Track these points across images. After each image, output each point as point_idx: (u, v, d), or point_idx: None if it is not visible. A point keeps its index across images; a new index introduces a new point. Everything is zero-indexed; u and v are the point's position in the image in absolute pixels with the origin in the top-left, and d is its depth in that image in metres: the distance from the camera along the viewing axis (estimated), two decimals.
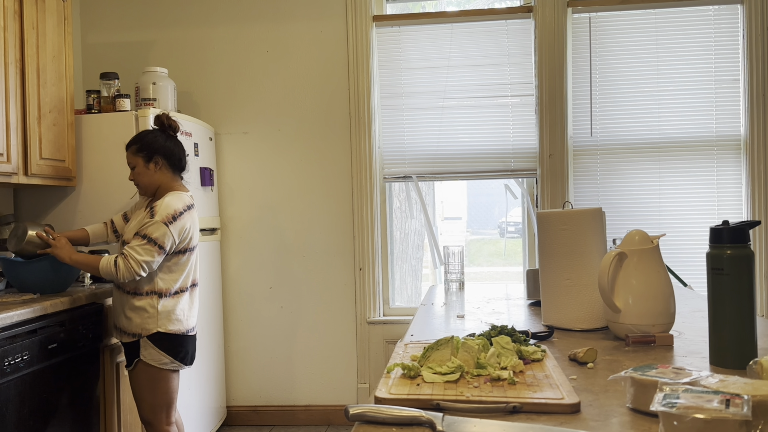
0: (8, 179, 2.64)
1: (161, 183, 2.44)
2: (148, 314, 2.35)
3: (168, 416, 2.44)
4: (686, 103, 3.57)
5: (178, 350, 2.40)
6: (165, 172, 2.44)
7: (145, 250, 2.28)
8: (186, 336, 2.43)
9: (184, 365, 2.44)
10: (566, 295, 1.70)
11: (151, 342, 2.36)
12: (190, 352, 2.47)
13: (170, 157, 2.44)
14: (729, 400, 0.84)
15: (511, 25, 3.66)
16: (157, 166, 2.42)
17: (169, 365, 2.39)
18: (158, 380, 2.39)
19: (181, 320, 2.40)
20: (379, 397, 1.07)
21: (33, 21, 2.77)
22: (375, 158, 3.72)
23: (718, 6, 3.52)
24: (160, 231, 2.29)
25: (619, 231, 3.50)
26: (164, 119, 2.48)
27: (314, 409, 3.79)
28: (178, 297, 2.41)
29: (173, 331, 2.38)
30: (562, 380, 1.14)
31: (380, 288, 3.78)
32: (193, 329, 2.49)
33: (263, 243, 3.80)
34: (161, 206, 2.32)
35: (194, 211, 2.45)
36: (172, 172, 2.46)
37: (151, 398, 2.40)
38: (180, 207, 2.35)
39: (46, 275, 2.49)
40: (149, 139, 2.43)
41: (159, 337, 2.36)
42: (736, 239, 1.25)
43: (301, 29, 3.77)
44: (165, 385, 2.41)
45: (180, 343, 2.41)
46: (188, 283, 2.46)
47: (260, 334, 3.81)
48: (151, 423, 2.43)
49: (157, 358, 2.37)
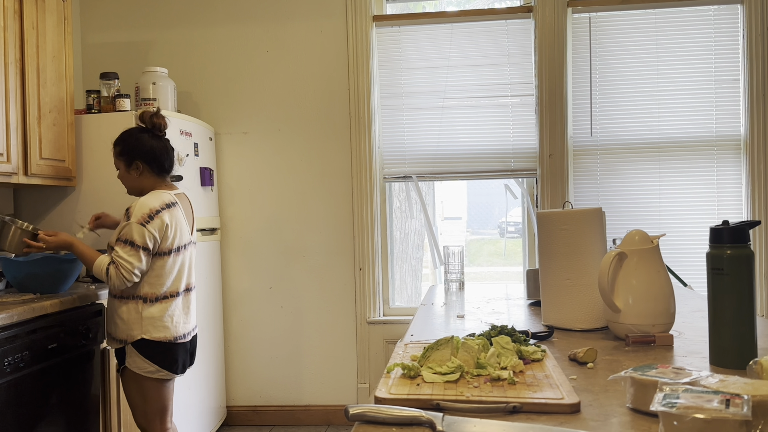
0: (8, 179, 2.64)
1: (144, 186, 2.35)
2: (132, 320, 2.25)
3: (162, 422, 2.36)
4: (686, 103, 3.57)
5: (163, 358, 2.28)
6: (147, 176, 2.34)
7: (131, 254, 2.19)
8: (174, 344, 2.30)
9: (173, 374, 2.32)
10: (566, 295, 1.70)
11: (136, 349, 2.26)
12: (180, 360, 2.34)
13: (151, 161, 2.32)
14: (729, 400, 0.84)
15: (511, 25, 3.66)
16: (138, 170, 2.33)
17: (155, 374, 2.28)
18: (146, 388, 2.30)
19: (168, 327, 2.28)
20: (379, 397, 1.07)
21: (33, 21, 2.77)
22: (375, 158, 3.72)
23: (718, 6, 3.52)
24: (138, 232, 2.19)
25: (619, 231, 3.49)
26: (147, 118, 2.35)
27: (314, 409, 3.79)
28: (167, 302, 2.29)
29: (158, 338, 2.26)
30: (562, 380, 1.14)
31: (380, 288, 3.78)
32: (185, 336, 2.35)
33: (263, 243, 3.80)
34: (135, 208, 2.23)
35: (176, 210, 2.31)
36: (155, 175, 2.35)
37: (142, 405, 2.33)
38: (156, 205, 2.25)
39: (46, 275, 2.49)
40: (130, 143, 2.33)
41: (143, 344, 2.25)
42: (736, 239, 1.25)
43: (301, 29, 3.77)
44: (154, 393, 2.31)
45: (166, 351, 2.28)
46: (179, 287, 2.34)
47: (260, 334, 3.81)
48: (145, 429, 2.37)
49: (141, 366, 2.26)
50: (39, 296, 2.45)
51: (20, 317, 2.15)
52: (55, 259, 2.51)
